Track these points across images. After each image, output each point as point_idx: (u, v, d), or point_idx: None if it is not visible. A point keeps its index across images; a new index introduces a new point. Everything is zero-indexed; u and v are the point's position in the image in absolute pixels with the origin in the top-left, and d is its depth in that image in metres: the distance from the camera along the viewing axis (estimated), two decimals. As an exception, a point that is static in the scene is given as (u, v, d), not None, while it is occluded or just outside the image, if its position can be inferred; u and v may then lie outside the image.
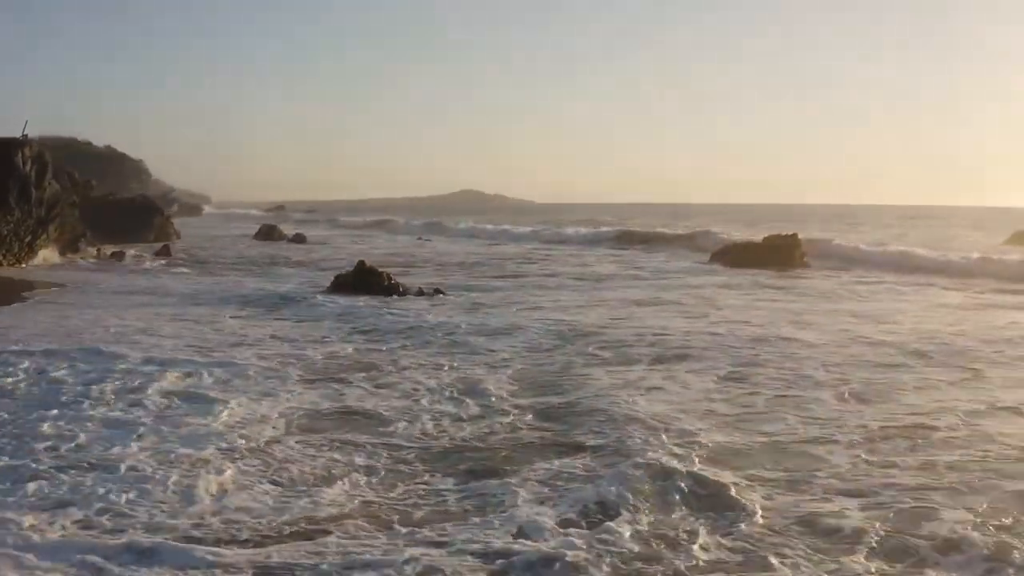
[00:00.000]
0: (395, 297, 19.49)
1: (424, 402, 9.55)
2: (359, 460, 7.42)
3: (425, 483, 6.92)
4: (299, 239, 43.90)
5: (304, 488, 6.73)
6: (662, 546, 5.60)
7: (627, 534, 5.68)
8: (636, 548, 5.50)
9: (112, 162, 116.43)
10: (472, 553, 5.36)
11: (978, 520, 6.01)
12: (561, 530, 5.69)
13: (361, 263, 21.36)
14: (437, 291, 20.62)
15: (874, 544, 5.62)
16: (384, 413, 9.08)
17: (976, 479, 6.90)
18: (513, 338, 13.37)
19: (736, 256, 30.43)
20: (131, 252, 31.59)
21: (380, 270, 21.11)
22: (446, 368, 11.24)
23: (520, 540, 5.58)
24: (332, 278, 21.22)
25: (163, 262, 30.03)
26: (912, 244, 39.77)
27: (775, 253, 30.04)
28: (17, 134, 27.67)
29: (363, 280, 20.67)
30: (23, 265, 25.98)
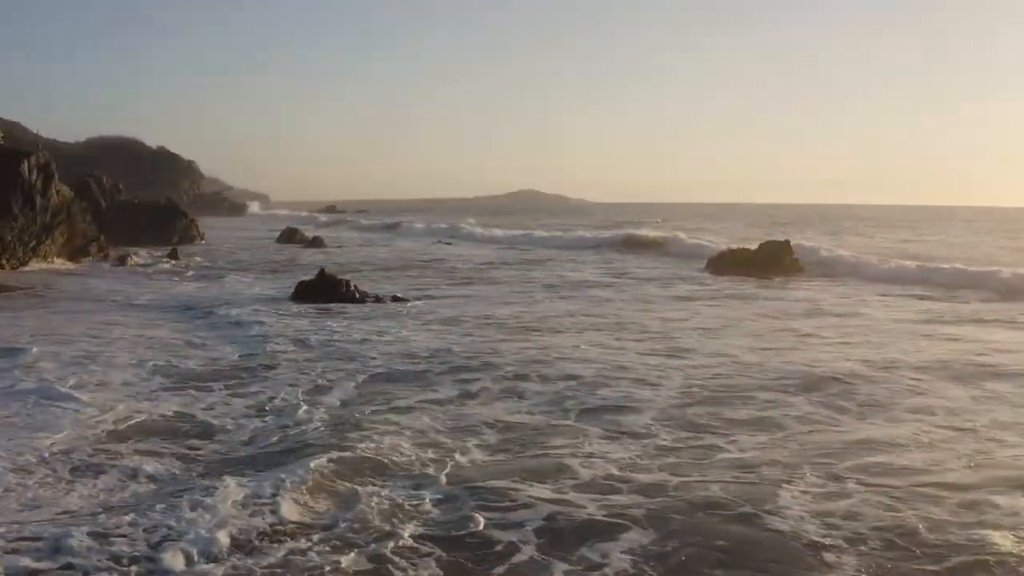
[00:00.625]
0: (348, 304, 20.02)
1: (262, 410, 10.00)
2: (145, 470, 7.80)
3: (180, 490, 7.32)
4: (316, 243, 44.91)
5: (62, 493, 7.20)
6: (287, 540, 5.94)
7: (281, 554, 5.99)
8: (271, 559, 5.85)
9: (165, 162, 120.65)
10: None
11: (646, 547, 6.13)
12: (204, 534, 6.06)
13: (321, 271, 21.99)
14: (395, 298, 21.15)
15: (527, 557, 5.84)
16: (213, 422, 9.55)
17: (671, 506, 6.89)
18: (396, 347, 13.74)
19: (728, 263, 30.26)
20: (138, 256, 32.74)
21: (339, 278, 21.69)
22: (310, 376, 11.67)
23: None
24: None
25: (164, 266, 31.13)
26: (927, 249, 38.97)
27: (768, 260, 29.89)
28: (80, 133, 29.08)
29: (323, 287, 21.29)
30: (25, 269, 27.23)
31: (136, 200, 45.34)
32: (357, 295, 20.92)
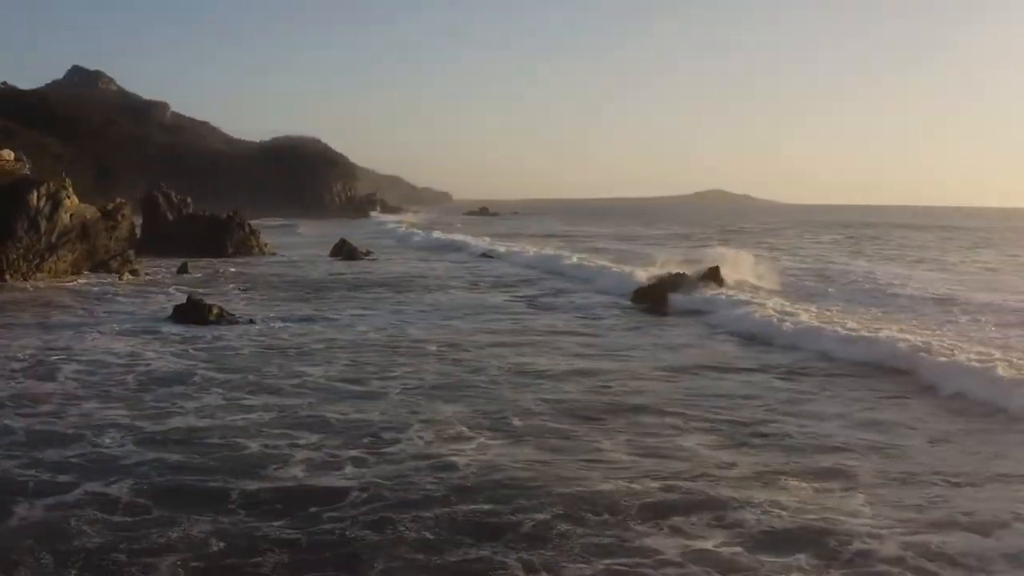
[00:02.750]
0: (202, 326, 22.88)
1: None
2: None
3: None
4: (353, 256, 48.19)
5: None
6: None
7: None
8: None
9: (324, 164, 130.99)
10: None
11: None
12: None
13: (189, 296, 25.10)
14: (251, 321, 23.90)
15: None
16: None
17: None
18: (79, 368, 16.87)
19: (644, 294, 29.92)
20: (146, 271, 37.31)
21: (206, 303, 24.57)
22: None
23: None
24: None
25: (154, 279, 35.38)
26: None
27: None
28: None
29: (191, 310, 24.30)
30: (28, 281, 32.08)
31: (204, 212, 50.60)
32: (212, 318, 23.73)
